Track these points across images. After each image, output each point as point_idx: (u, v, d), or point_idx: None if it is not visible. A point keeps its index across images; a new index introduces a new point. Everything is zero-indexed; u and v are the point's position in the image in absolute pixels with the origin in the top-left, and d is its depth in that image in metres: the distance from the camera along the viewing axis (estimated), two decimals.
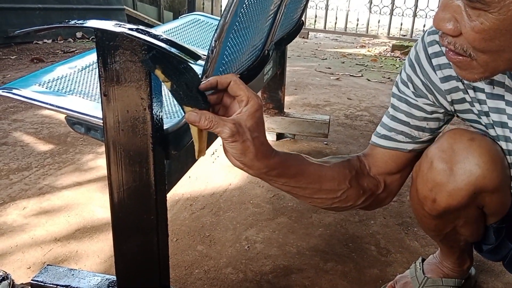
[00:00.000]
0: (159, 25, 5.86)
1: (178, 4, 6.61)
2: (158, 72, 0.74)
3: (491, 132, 0.89)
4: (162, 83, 0.72)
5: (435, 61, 0.89)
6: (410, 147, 0.96)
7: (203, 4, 6.42)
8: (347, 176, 0.92)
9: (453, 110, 0.93)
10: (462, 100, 0.90)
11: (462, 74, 0.74)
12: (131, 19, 5.52)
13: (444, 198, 0.89)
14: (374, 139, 1.00)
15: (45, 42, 4.30)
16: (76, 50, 4.14)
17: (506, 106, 0.84)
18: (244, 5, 0.94)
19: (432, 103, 0.93)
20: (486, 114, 0.88)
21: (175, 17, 6.43)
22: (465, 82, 0.87)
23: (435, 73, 0.90)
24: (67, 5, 4.62)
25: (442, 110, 0.94)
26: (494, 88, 0.84)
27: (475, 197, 0.89)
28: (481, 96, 0.87)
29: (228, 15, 0.86)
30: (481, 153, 0.85)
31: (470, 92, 0.88)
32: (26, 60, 3.69)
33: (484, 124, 0.90)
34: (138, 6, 5.91)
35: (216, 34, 0.87)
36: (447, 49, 0.72)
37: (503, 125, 0.86)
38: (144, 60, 0.74)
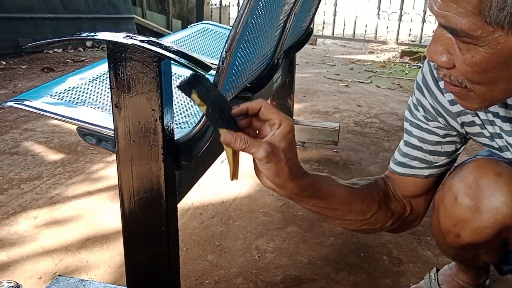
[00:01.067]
0: (168, 33, 5.89)
1: (187, 12, 6.65)
2: (194, 96, 0.76)
3: (508, 154, 0.87)
4: (198, 107, 0.74)
5: (442, 84, 0.87)
6: (426, 172, 0.94)
7: (211, 12, 6.45)
8: (375, 198, 0.92)
9: (464, 132, 0.91)
10: (472, 123, 0.88)
11: (462, 104, 0.73)
12: (140, 28, 5.56)
13: (469, 234, 0.87)
14: (391, 165, 0.99)
15: (56, 52, 4.34)
16: (86, 59, 4.17)
17: None
18: (254, 16, 0.94)
19: (443, 126, 0.91)
20: (500, 136, 0.85)
21: (184, 25, 6.46)
22: None
23: (444, 96, 0.88)
24: (77, 15, 4.67)
25: (455, 133, 0.92)
26: (506, 110, 0.82)
27: (499, 232, 0.86)
28: (493, 118, 0.84)
29: (239, 26, 0.86)
30: (508, 191, 0.82)
31: (481, 114, 0.86)
32: (37, 69, 3.73)
33: (498, 147, 0.88)
34: (147, 15, 5.96)
35: (226, 45, 0.87)
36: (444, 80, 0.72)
37: None
38: (181, 86, 0.76)
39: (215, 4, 6.40)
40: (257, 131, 0.76)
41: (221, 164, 2.04)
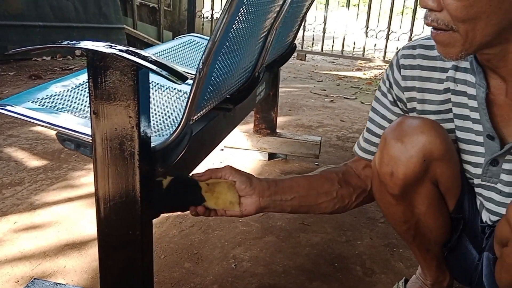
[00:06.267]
0: (158, 44, 5.92)
1: (178, 24, 6.71)
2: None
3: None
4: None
5: None
6: None
7: (203, 24, 6.51)
8: (334, 178, 1.09)
9: None
10: None
11: (445, 51, 0.83)
12: (131, 38, 5.59)
13: (400, 168, 0.95)
14: None
15: (44, 59, 4.35)
16: (74, 67, 4.18)
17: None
18: (232, 30, 0.98)
19: None
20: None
21: (175, 37, 6.50)
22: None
23: None
24: (67, 23, 4.69)
25: None
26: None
27: (426, 167, 0.95)
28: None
29: (216, 39, 0.90)
30: (424, 124, 0.95)
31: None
32: (25, 76, 3.74)
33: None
34: (138, 26, 6.00)
35: (203, 57, 0.91)
36: (431, 29, 0.82)
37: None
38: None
39: (207, 17, 6.46)
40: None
41: None
